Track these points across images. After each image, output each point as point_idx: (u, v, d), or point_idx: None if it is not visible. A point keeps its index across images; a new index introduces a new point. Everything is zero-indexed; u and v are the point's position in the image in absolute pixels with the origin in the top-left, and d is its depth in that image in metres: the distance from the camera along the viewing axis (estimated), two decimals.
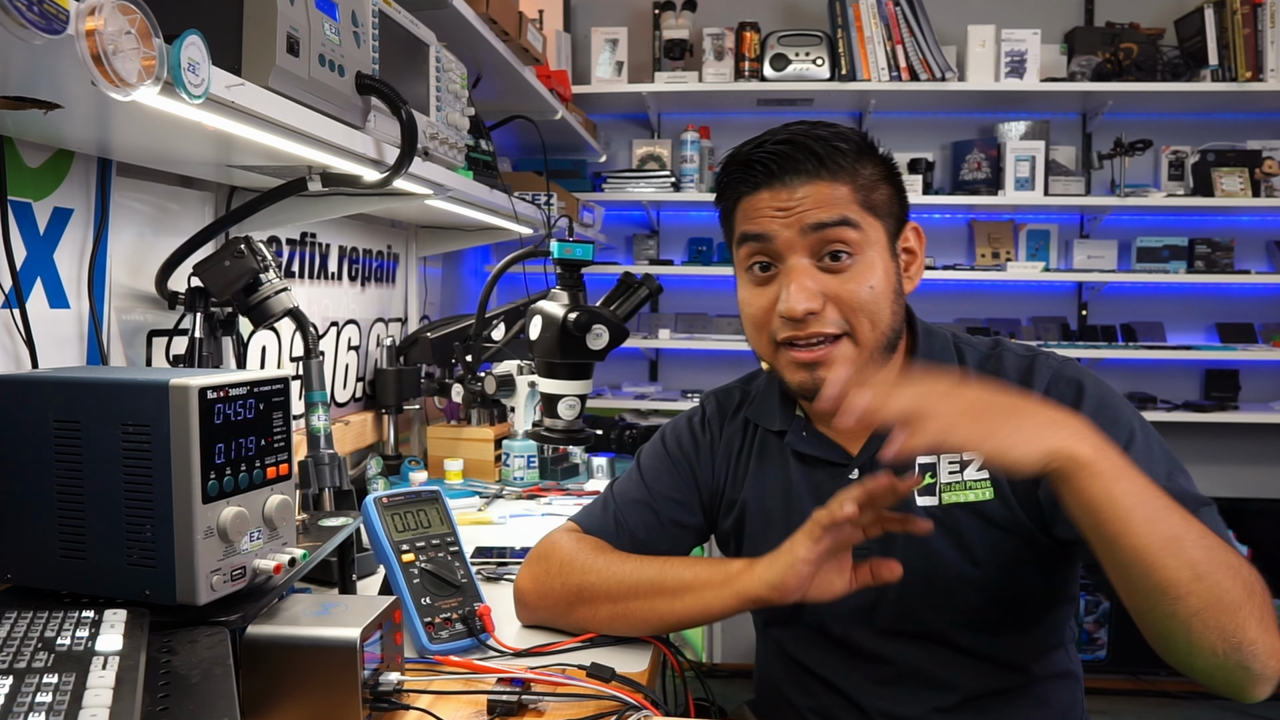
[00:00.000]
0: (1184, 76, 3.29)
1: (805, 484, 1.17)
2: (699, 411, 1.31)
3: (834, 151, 1.08)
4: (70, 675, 0.69)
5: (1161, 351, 3.39)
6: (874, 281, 1.07)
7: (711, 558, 1.16)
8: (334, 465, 1.45)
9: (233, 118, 0.98)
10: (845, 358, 1.07)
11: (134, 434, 0.84)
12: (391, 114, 1.27)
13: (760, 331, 1.12)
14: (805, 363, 1.08)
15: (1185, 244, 3.49)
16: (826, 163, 1.07)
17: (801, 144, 1.08)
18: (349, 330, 2.22)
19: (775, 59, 3.36)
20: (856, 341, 1.08)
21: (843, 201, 1.07)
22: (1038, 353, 1.15)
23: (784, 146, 1.08)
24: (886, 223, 1.10)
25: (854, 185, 1.08)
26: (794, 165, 1.07)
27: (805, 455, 1.18)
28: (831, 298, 1.06)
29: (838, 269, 1.07)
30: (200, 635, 0.83)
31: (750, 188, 1.10)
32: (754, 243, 1.10)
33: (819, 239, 1.06)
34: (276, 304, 1.41)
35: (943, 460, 1.12)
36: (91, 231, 1.31)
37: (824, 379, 1.06)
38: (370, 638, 0.91)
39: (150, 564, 0.84)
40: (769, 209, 1.08)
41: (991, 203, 3.43)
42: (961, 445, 0.82)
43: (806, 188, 1.07)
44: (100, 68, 0.73)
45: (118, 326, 1.39)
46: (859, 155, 1.09)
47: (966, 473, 1.11)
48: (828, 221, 1.06)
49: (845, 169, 1.08)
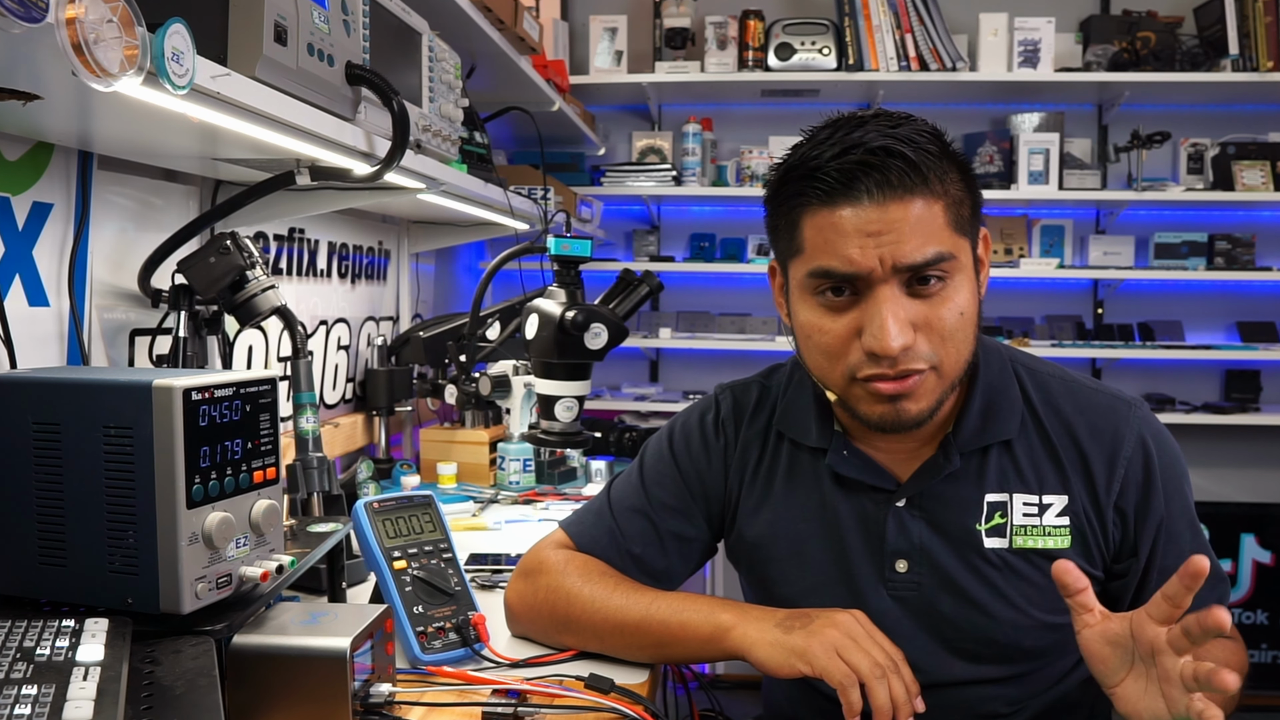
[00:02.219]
0: (1203, 66, 3.29)
1: (846, 508, 1.11)
2: (712, 408, 1.23)
3: (927, 159, 0.96)
4: (50, 687, 0.69)
5: (1180, 351, 3.39)
6: (963, 307, 1.00)
7: (701, 598, 1.09)
8: (323, 469, 1.45)
9: (218, 109, 0.98)
10: (930, 389, 1.00)
11: (116, 437, 0.84)
12: (383, 105, 1.27)
13: (834, 361, 1.01)
14: (891, 395, 0.99)
15: (1205, 240, 3.49)
16: (924, 174, 0.96)
17: (896, 151, 0.95)
18: (339, 329, 2.22)
19: (780, 48, 3.36)
20: (941, 373, 1.00)
21: (938, 228, 0.97)
22: (1117, 397, 1.10)
23: (878, 154, 0.95)
24: (971, 240, 1.03)
25: (947, 202, 0.98)
26: (888, 176, 0.95)
27: (847, 478, 1.11)
28: (921, 326, 0.98)
29: (927, 294, 0.98)
30: (184, 645, 0.83)
31: (824, 199, 0.97)
32: (831, 279, 0.99)
33: (912, 274, 0.97)
34: (263, 302, 1.41)
35: (1017, 500, 1.07)
36: (72, 227, 1.31)
37: (908, 411, 0.99)
38: (361, 648, 0.91)
39: (133, 571, 0.84)
40: (854, 234, 0.96)
41: (1004, 197, 3.43)
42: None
43: (899, 208, 0.95)
44: (81, 57, 0.73)
45: (99, 325, 1.39)
46: (947, 162, 0.99)
47: (1045, 517, 1.06)
48: (923, 262, 0.96)
49: (938, 181, 0.97)
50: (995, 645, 1.07)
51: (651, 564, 1.19)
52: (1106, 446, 1.07)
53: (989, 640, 1.07)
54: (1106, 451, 1.07)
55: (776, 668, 0.97)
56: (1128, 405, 1.09)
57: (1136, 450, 1.07)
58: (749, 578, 1.22)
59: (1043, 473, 1.08)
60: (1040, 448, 1.09)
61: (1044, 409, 1.10)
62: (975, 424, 1.08)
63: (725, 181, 3.60)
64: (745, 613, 1.04)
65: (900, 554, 1.09)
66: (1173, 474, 1.08)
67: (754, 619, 1.02)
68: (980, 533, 1.07)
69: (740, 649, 1.01)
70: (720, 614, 1.05)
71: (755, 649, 0.99)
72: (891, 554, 1.09)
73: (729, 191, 3.53)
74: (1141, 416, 1.09)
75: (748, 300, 3.73)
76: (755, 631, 1.01)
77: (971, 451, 1.08)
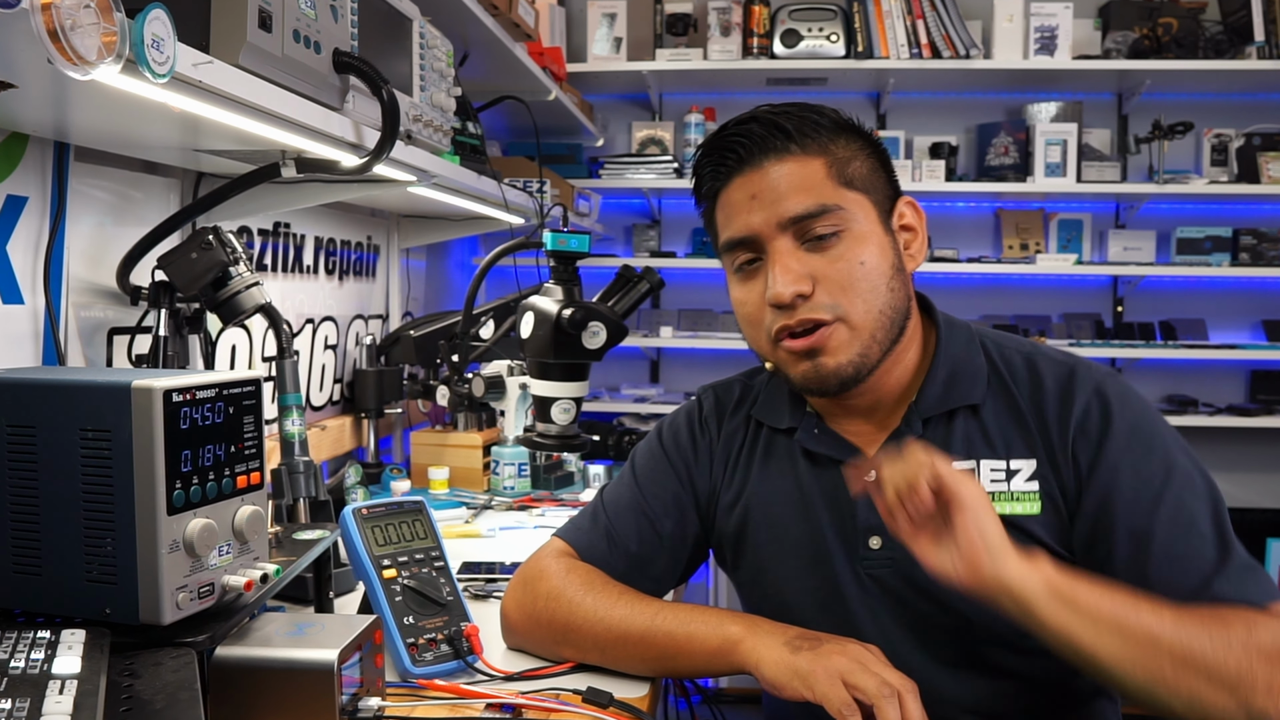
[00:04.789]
0: (1228, 54, 3.29)
1: (817, 486, 1.17)
2: (696, 408, 1.30)
3: (804, 124, 1.09)
4: (24, 701, 0.69)
5: (1203, 351, 3.39)
6: (865, 257, 1.07)
7: (708, 610, 1.10)
8: (309, 474, 1.45)
9: (200, 98, 0.98)
10: (842, 342, 1.07)
11: (93, 440, 0.84)
12: (372, 94, 1.27)
13: (757, 329, 1.13)
14: (802, 351, 1.08)
15: (1229, 235, 3.49)
16: (795, 137, 1.08)
17: (767, 120, 1.10)
18: (325, 328, 2.22)
19: (786, 35, 3.36)
20: (850, 324, 1.07)
21: (818, 181, 1.08)
22: (1078, 362, 1.14)
23: (750, 125, 1.10)
24: (872, 197, 1.11)
25: (828, 159, 1.09)
26: (762, 143, 1.09)
27: (817, 454, 1.17)
28: (820, 279, 1.07)
29: (823, 248, 1.07)
30: (165, 657, 0.82)
31: (723, 180, 1.12)
32: (738, 248, 1.11)
33: (800, 229, 1.08)
34: (247, 299, 1.41)
35: (985, 466, 1.10)
36: (47, 221, 1.31)
37: (826, 366, 1.07)
38: (349, 660, 0.91)
39: (111, 580, 0.84)
40: (743, 200, 1.10)
41: (1020, 190, 3.44)
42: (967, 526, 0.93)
43: (775, 166, 1.08)
44: (57, 44, 0.73)
45: (76, 324, 1.39)
46: (835, 130, 1.11)
47: (1014, 482, 1.09)
48: (804, 214, 1.07)
49: (816, 142, 1.09)
50: (969, 624, 1.08)
51: (650, 562, 1.22)
52: (1064, 404, 1.10)
53: (961, 616, 1.08)
54: (1062, 409, 1.10)
55: (780, 688, 0.98)
56: (1086, 366, 1.13)
57: (1089, 404, 1.09)
58: (738, 575, 1.25)
59: (1009, 437, 1.11)
60: (1006, 413, 1.12)
61: (1010, 376, 1.13)
62: (938, 391, 1.13)
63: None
64: (755, 626, 1.05)
65: (873, 530, 1.11)
66: (1134, 433, 1.08)
67: (764, 633, 1.03)
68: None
69: (748, 664, 1.02)
70: (729, 626, 1.06)
71: (762, 665, 1.00)
72: (864, 530, 1.12)
73: None
74: (1097, 377, 1.12)
75: None
76: (764, 647, 1.01)
77: (937, 419, 1.13)
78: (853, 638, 1.02)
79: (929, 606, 1.09)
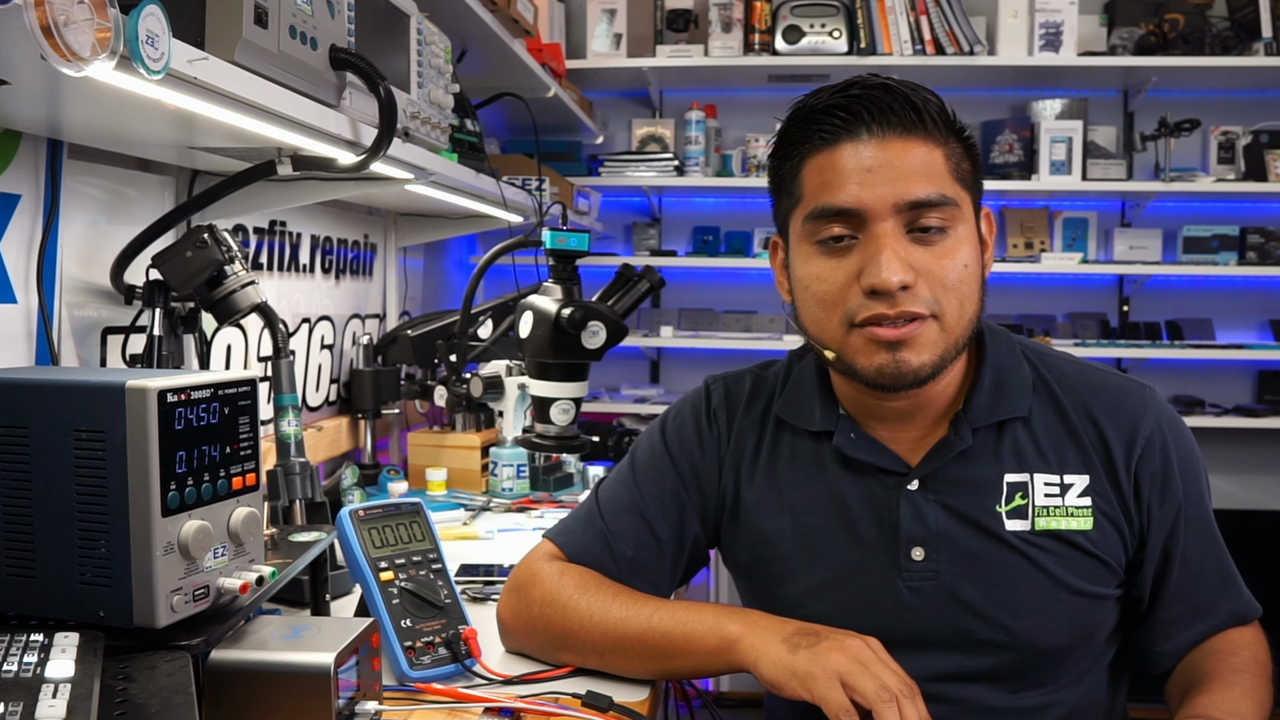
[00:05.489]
0: (1235, 50, 3.29)
1: (855, 495, 1.11)
2: (703, 398, 1.23)
3: (932, 106, 1.03)
4: (17, 705, 0.69)
5: (1210, 351, 3.39)
6: (967, 260, 1.03)
7: (705, 607, 1.09)
8: (305, 475, 1.45)
9: (195, 95, 0.98)
10: (931, 341, 1.02)
11: (87, 441, 0.84)
12: (369, 91, 1.27)
13: (831, 311, 1.04)
14: (889, 341, 1.01)
15: (1236, 233, 3.49)
16: (925, 119, 1.01)
17: (896, 90, 1.02)
18: (322, 327, 2.22)
19: (788, 31, 3.36)
20: (943, 325, 1.02)
21: (940, 173, 1.02)
22: (1132, 380, 1.14)
23: (875, 92, 1.02)
24: (973, 199, 1.07)
25: (947, 152, 1.03)
26: (887, 113, 1.01)
27: (855, 460, 1.12)
28: (922, 272, 1.00)
29: (928, 241, 1.01)
30: (159, 661, 0.82)
31: (827, 141, 1.03)
32: (835, 219, 1.02)
33: (912, 215, 1.01)
34: (243, 299, 1.41)
35: (1038, 480, 1.08)
36: (41, 219, 1.31)
37: (909, 363, 1.01)
38: (345, 664, 0.91)
39: (105, 583, 0.84)
40: (854, 169, 1.01)
41: (1024, 188, 3.43)
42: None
43: (900, 144, 1.01)
44: (50, 40, 0.73)
45: (69, 323, 1.39)
46: (951, 123, 1.05)
47: (1067, 497, 1.07)
48: (926, 201, 1.00)
49: (939, 130, 1.03)
50: (1014, 640, 1.07)
51: (648, 567, 1.19)
52: (1125, 425, 1.09)
53: (1008, 631, 1.06)
54: (1125, 430, 1.09)
55: (778, 688, 0.97)
56: (1143, 388, 1.13)
57: (1155, 431, 1.09)
58: (749, 581, 1.21)
59: (1063, 451, 1.09)
60: (1058, 426, 1.10)
61: (1060, 388, 1.11)
62: (986, 400, 1.09)
63: (730, 172, 3.60)
64: (753, 623, 1.03)
65: (916, 540, 1.08)
66: (1189, 461, 1.11)
67: (762, 630, 1.02)
68: (1001, 514, 1.07)
69: (747, 662, 1.01)
70: (727, 624, 1.04)
71: (760, 664, 0.99)
72: (907, 541, 1.08)
73: (734, 182, 3.53)
74: (1158, 400, 1.12)
75: (753, 297, 3.74)
76: (762, 645, 1.00)
77: (986, 430, 1.09)
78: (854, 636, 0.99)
79: (973, 622, 1.07)
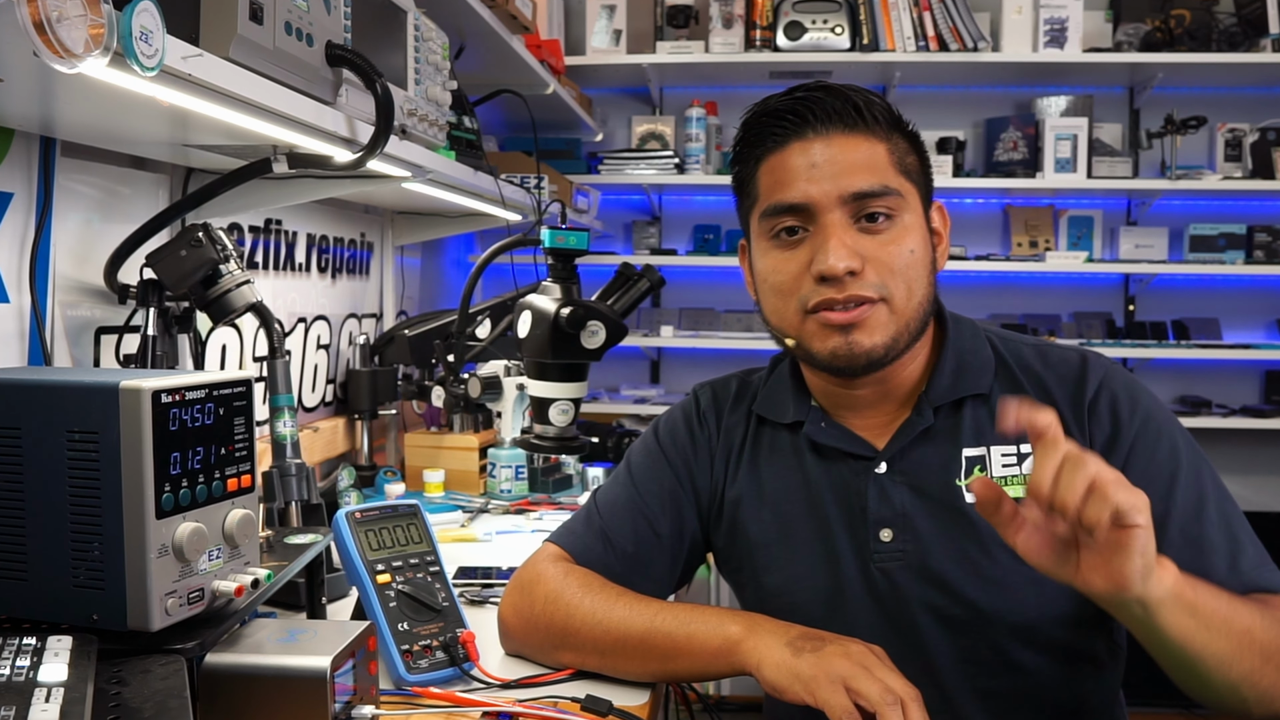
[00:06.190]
0: (1242, 46, 3.29)
1: (826, 480, 1.17)
2: (693, 404, 1.30)
3: (873, 105, 1.10)
4: (10, 709, 0.69)
5: (1217, 351, 3.39)
6: (914, 246, 1.09)
7: (709, 609, 1.10)
8: (301, 476, 1.45)
9: (189, 92, 0.98)
10: (881, 324, 1.08)
11: (80, 442, 0.84)
12: (365, 88, 1.27)
13: (787, 300, 1.12)
14: (840, 325, 1.08)
15: (1243, 232, 3.49)
16: (866, 116, 1.09)
17: (838, 92, 1.10)
18: (318, 327, 2.22)
19: (789, 27, 3.36)
20: (892, 308, 1.08)
21: (883, 166, 1.09)
22: (1087, 352, 1.17)
23: (818, 94, 1.10)
24: (919, 192, 1.13)
25: (890, 147, 1.11)
26: (829, 113, 1.09)
27: (824, 447, 1.18)
28: (870, 259, 1.07)
29: (875, 230, 1.08)
30: (154, 664, 0.82)
31: (777, 143, 1.11)
32: (787, 213, 1.10)
33: (858, 206, 1.08)
34: (238, 298, 1.41)
35: (995, 451, 1.12)
36: (33, 218, 1.31)
37: (860, 344, 1.07)
38: (342, 667, 0.91)
39: (98, 586, 0.84)
40: (801, 167, 1.09)
41: (1029, 186, 3.44)
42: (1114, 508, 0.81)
43: (844, 140, 1.09)
44: (43, 36, 0.73)
45: (62, 323, 1.39)
46: (894, 121, 1.13)
47: (1025, 465, 1.10)
48: (868, 191, 1.07)
49: (881, 126, 1.10)
50: (983, 615, 1.08)
51: (649, 563, 1.22)
52: (1072, 390, 1.13)
53: (975, 607, 1.08)
54: (1072, 394, 1.13)
55: (781, 691, 0.98)
56: (1096, 355, 1.17)
57: (1103, 388, 1.12)
58: (737, 576, 1.25)
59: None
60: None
61: (1018, 367, 1.16)
62: (948, 380, 1.15)
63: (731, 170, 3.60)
64: (756, 626, 1.04)
65: (884, 522, 1.13)
66: (1147, 419, 1.11)
67: (766, 633, 1.03)
68: (961, 488, 1.12)
69: (749, 665, 1.02)
70: (729, 626, 1.05)
71: (763, 667, 1.00)
72: (875, 523, 1.13)
73: None
74: (1104, 364, 1.16)
75: None
76: (764, 647, 1.01)
77: (947, 408, 1.15)
78: (856, 635, 1.01)
79: (942, 599, 1.10)
